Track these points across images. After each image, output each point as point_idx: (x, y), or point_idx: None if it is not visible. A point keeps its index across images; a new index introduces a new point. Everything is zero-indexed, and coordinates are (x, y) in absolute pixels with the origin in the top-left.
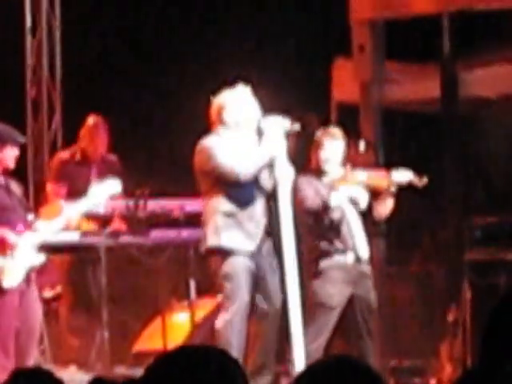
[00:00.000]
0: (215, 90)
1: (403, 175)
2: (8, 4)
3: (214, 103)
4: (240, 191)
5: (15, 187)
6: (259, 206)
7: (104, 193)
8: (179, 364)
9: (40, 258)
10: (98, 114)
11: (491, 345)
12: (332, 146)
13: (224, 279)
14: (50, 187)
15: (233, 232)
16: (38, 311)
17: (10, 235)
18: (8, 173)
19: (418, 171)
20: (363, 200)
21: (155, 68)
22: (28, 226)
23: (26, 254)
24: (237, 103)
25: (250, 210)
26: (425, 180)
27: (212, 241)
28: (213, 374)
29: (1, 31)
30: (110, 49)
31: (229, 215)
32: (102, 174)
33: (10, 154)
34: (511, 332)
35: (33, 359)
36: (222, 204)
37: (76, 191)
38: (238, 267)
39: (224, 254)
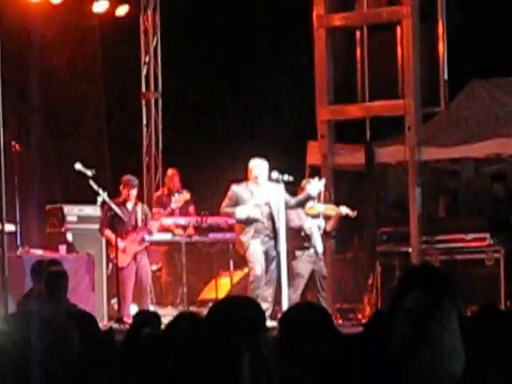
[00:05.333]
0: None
1: (344, 209)
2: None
3: (249, 165)
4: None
5: (139, 208)
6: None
7: (181, 199)
8: (228, 306)
9: (139, 247)
10: (175, 167)
11: (394, 298)
12: (310, 189)
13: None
14: (155, 210)
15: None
16: (147, 276)
17: (118, 241)
18: (131, 199)
19: (352, 207)
20: (322, 226)
21: (224, 143)
22: (133, 232)
23: (131, 246)
24: (258, 168)
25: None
26: (355, 213)
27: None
28: (247, 310)
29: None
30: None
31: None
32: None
33: (132, 193)
34: (405, 289)
35: (147, 304)
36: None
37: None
38: (257, 252)
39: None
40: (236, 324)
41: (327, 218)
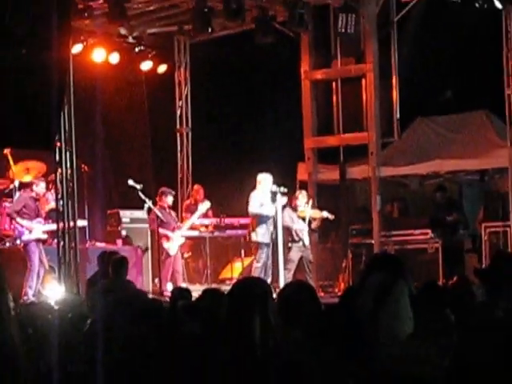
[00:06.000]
0: (254, 174)
1: (325, 213)
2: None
3: (258, 177)
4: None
5: (172, 212)
6: (272, 222)
7: (204, 207)
8: (244, 284)
9: (182, 240)
10: (200, 184)
11: (362, 277)
12: (301, 199)
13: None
14: (184, 215)
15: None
16: (180, 262)
17: (169, 233)
18: (170, 207)
19: (331, 211)
20: (306, 226)
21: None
22: (177, 228)
23: (177, 239)
24: (264, 180)
25: (268, 224)
26: (333, 216)
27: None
28: (258, 287)
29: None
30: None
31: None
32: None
33: (169, 199)
34: (369, 270)
35: (180, 282)
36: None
37: (192, 214)
38: (264, 245)
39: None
40: (250, 297)
41: (313, 219)
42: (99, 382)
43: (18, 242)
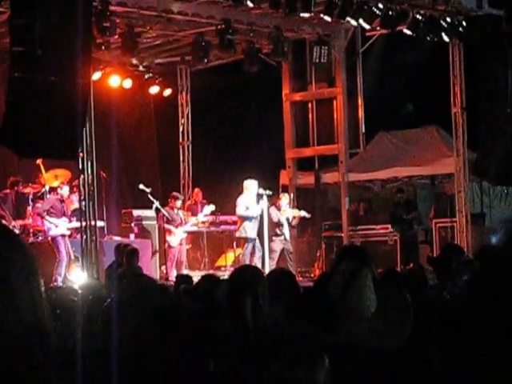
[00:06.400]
0: (244, 179)
1: (303, 212)
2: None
3: (244, 184)
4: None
5: (180, 212)
6: (257, 220)
7: (209, 209)
8: (238, 272)
9: (185, 235)
10: (199, 187)
11: (333, 265)
12: (284, 200)
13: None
14: (185, 213)
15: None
16: (184, 252)
17: (172, 228)
18: (177, 208)
19: (307, 210)
20: (288, 222)
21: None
22: (181, 225)
23: (179, 233)
24: (250, 185)
25: (253, 222)
26: (309, 215)
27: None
28: (251, 274)
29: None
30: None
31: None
32: (201, 209)
33: (178, 203)
34: (339, 259)
35: (183, 269)
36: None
37: (194, 214)
38: (250, 239)
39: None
40: (244, 284)
41: (293, 217)
42: (112, 359)
43: (48, 236)
